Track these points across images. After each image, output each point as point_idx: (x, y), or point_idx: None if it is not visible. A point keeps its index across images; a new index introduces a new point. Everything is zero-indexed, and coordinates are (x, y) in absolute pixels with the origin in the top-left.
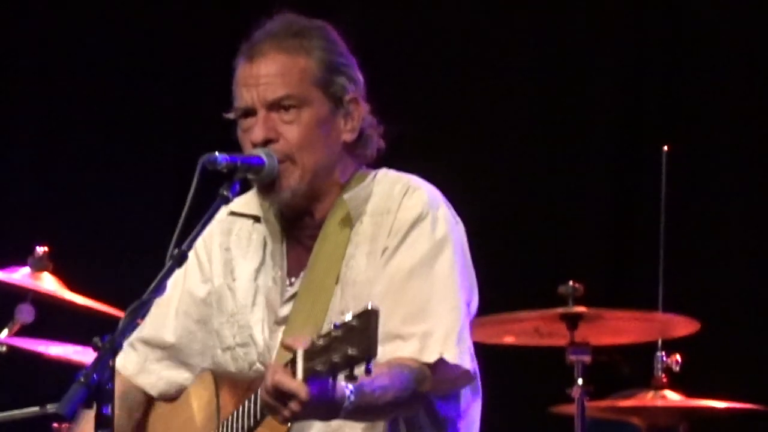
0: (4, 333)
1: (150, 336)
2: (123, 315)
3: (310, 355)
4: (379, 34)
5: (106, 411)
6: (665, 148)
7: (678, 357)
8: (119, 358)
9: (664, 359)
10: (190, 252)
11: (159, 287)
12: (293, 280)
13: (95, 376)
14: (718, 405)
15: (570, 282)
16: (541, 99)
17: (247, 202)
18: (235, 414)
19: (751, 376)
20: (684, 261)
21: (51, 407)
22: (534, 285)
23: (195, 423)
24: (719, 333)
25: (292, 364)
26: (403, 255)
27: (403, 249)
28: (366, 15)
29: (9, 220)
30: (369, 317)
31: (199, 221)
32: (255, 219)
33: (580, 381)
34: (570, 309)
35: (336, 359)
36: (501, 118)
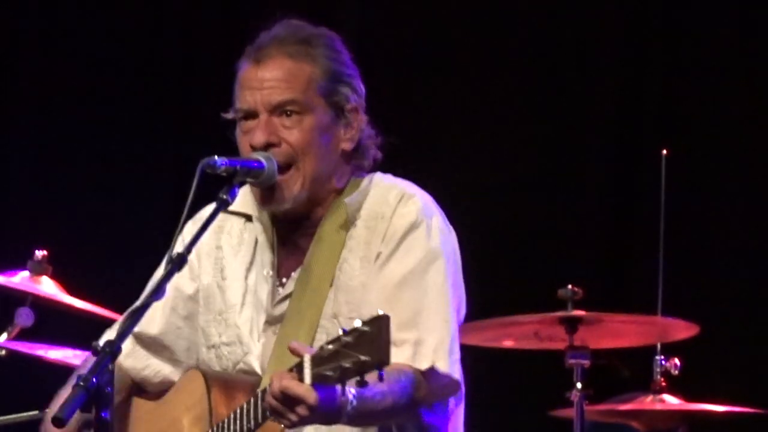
0: (3, 337)
1: (139, 330)
2: (121, 318)
3: (318, 361)
4: (378, 34)
5: (105, 415)
6: (664, 152)
7: (677, 361)
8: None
9: (663, 363)
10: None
11: (158, 291)
12: (284, 280)
13: (94, 379)
14: (717, 409)
15: (569, 286)
16: (541, 103)
17: (240, 200)
18: (233, 416)
19: (750, 379)
20: (683, 265)
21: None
22: (533, 289)
23: (183, 422)
24: (718, 337)
25: (297, 368)
26: (397, 263)
27: (397, 256)
28: (366, 15)
29: (8, 223)
30: (380, 324)
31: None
32: (247, 218)
33: (579, 384)
34: (569, 313)
35: (347, 365)
36: (500, 121)
